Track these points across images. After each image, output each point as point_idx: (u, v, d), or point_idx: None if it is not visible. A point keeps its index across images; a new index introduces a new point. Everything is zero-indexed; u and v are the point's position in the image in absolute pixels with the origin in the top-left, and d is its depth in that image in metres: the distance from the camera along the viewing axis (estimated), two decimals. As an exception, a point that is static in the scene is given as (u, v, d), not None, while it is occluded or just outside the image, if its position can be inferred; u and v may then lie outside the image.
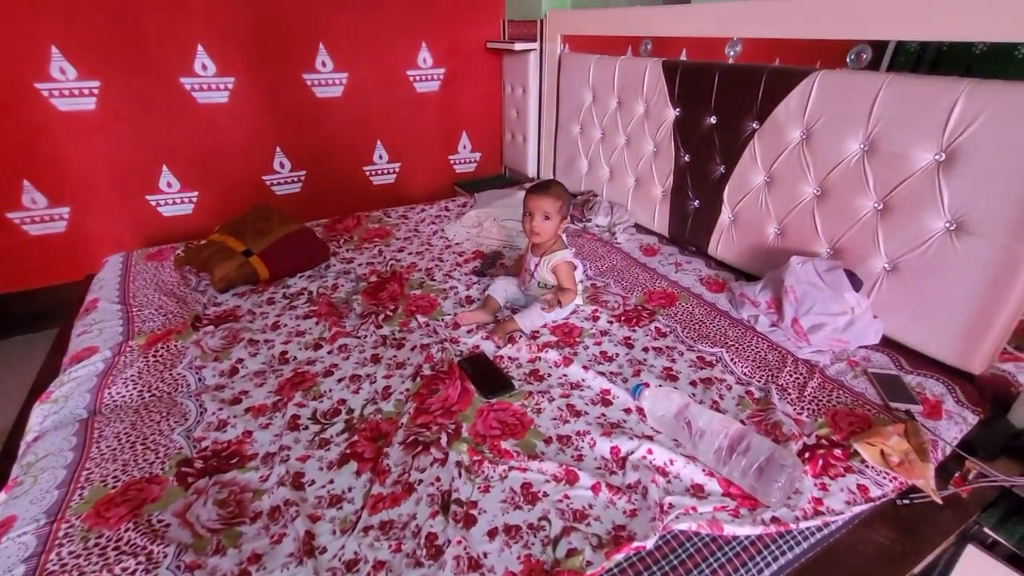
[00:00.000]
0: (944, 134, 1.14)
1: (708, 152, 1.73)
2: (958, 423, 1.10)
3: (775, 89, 1.48)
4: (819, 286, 1.33)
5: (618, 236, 2.02)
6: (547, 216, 1.45)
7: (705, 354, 1.34)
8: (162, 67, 2.19)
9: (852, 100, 1.30)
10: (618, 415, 1.13)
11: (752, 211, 1.62)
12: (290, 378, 1.25)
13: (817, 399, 1.17)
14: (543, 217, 1.44)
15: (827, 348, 1.32)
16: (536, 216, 1.45)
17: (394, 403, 1.17)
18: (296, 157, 2.61)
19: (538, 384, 1.23)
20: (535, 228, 1.45)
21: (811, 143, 1.42)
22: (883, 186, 1.28)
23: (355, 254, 1.95)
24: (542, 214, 1.44)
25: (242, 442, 1.05)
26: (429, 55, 2.71)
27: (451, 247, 2.00)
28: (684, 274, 1.75)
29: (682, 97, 1.80)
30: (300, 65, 2.45)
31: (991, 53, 3.95)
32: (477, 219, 2.13)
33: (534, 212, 1.45)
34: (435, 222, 2.25)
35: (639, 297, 1.62)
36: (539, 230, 1.45)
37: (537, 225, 1.45)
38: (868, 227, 1.33)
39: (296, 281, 1.73)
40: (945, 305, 1.20)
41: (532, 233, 1.46)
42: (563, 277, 1.46)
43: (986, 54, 4.00)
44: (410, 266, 1.84)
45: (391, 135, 2.79)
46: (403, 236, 2.11)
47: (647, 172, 2.01)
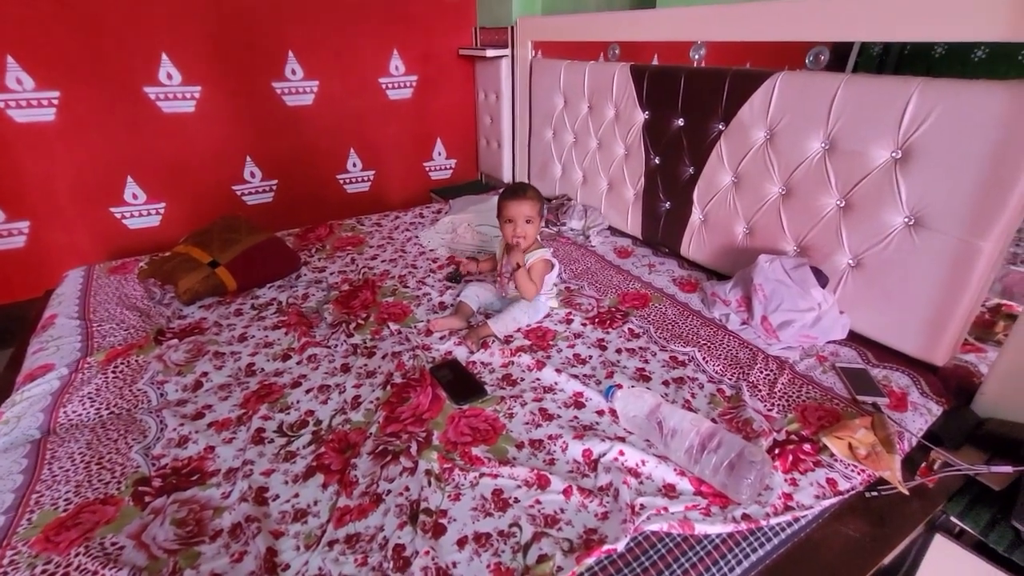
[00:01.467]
0: (900, 132, 1.17)
1: (677, 154, 1.75)
2: (923, 414, 1.12)
3: (738, 91, 1.50)
4: (787, 283, 1.34)
5: (592, 239, 2.02)
6: (529, 220, 1.44)
7: (678, 354, 1.34)
8: (125, 76, 2.14)
9: (812, 100, 1.33)
10: (591, 417, 1.12)
11: (721, 211, 1.64)
12: (256, 390, 1.21)
13: (787, 395, 1.18)
14: (525, 221, 1.44)
15: (796, 344, 1.34)
16: (519, 221, 1.44)
17: (363, 412, 1.14)
18: (267, 166, 2.57)
19: (511, 389, 1.22)
20: (519, 233, 1.45)
21: (775, 143, 1.44)
22: (844, 184, 1.30)
23: (327, 263, 1.92)
24: (524, 218, 1.44)
25: (204, 458, 1.02)
26: (401, 62, 2.70)
27: (425, 254, 1.98)
28: (657, 275, 1.76)
29: (650, 100, 1.82)
30: (269, 73, 2.41)
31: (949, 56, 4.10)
32: (451, 225, 2.12)
33: (515, 218, 1.44)
34: (409, 229, 2.23)
35: (613, 299, 1.62)
36: (523, 234, 1.45)
37: (521, 230, 1.45)
38: (832, 224, 1.35)
39: (265, 291, 1.70)
40: (907, 299, 1.23)
41: (516, 238, 1.46)
42: (535, 271, 1.46)
43: (944, 57, 4.15)
44: (383, 274, 1.82)
45: (364, 143, 2.77)
46: (376, 244, 2.08)
47: (619, 175, 2.03)
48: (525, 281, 1.44)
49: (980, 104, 1.06)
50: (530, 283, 1.45)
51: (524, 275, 1.44)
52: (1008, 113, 1.02)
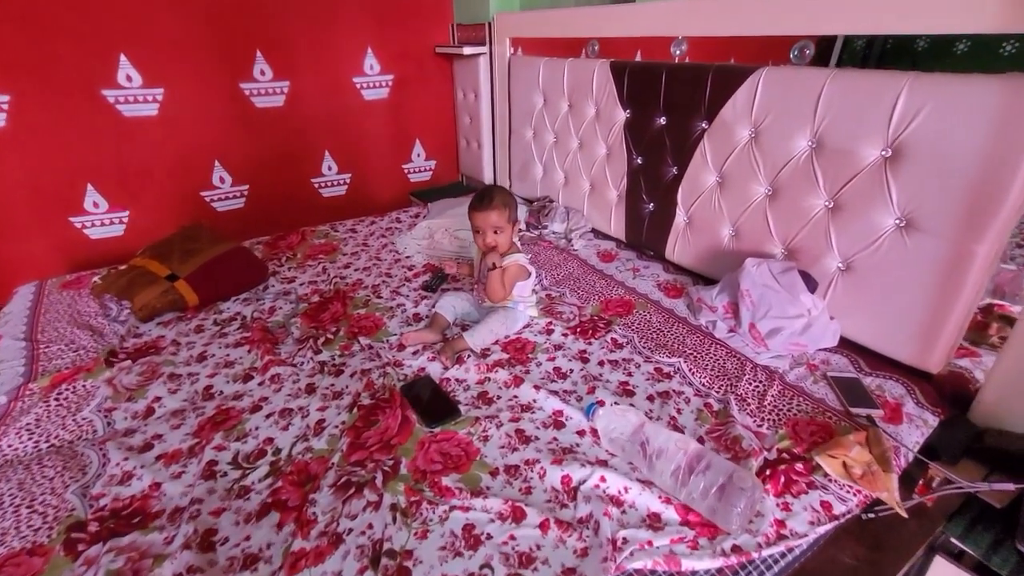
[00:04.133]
0: (889, 129, 1.11)
1: (660, 153, 1.69)
2: (919, 426, 1.07)
3: (721, 88, 1.44)
4: (775, 288, 1.28)
5: (575, 243, 1.96)
6: (498, 229, 1.37)
7: (663, 365, 1.28)
8: (81, 79, 2.02)
9: (798, 97, 1.27)
10: (571, 439, 1.05)
11: (706, 212, 1.58)
12: (212, 416, 1.13)
13: (777, 408, 1.12)
14: (494, 231, 1.37)
15: (786, 352, 1.28)
16: (487, 232, 1.37)
17: (327, 439, 1.06)
18: (237, 171, 2.47)
19: (486, 408, 1.14)
20: (489, 243, 1.38)
21: (760, 142, 1.38)
22: (832, 184, 1.24)
23: (297, 272, 1.83)
24: (491, 228, 1.37)
25: (148, 496, 0.93)
26: (376, 61, 2.60)
27: (400, 261, 1.90)
28: (642, 280, 1.70)
29: (631, 98, 1.75)
30: (236, 74, 2.31)
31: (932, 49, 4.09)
32: (428, 230, 2.03)
33: (483, 228, 1.37)
34: (385, 235, 2.15)
35: (595, 307, 1.55)
36: (494, 243, 1.38)
37: (491, 240, 1.37)
38: (820, 226, 1.29)
39: (229, 306, 1.60)
40: (899, 304, 1.17)
41: (488, 248, 1.38)
42: (508, 276, 1.39)
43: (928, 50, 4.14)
44: (355, 283, 1.73)
45: (339, 145, 2.67)
46: (350, 251, 2.00)
47: (601, 176, 1.96)
48: (496, 282, 1.37)
49: (973, 99, 1.00)
50: (500, 286, 1.37)
51: (497, 276, 1.37)
52: (1002, 107, 0.96)
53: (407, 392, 1.18)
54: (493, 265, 1.36)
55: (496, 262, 1.36)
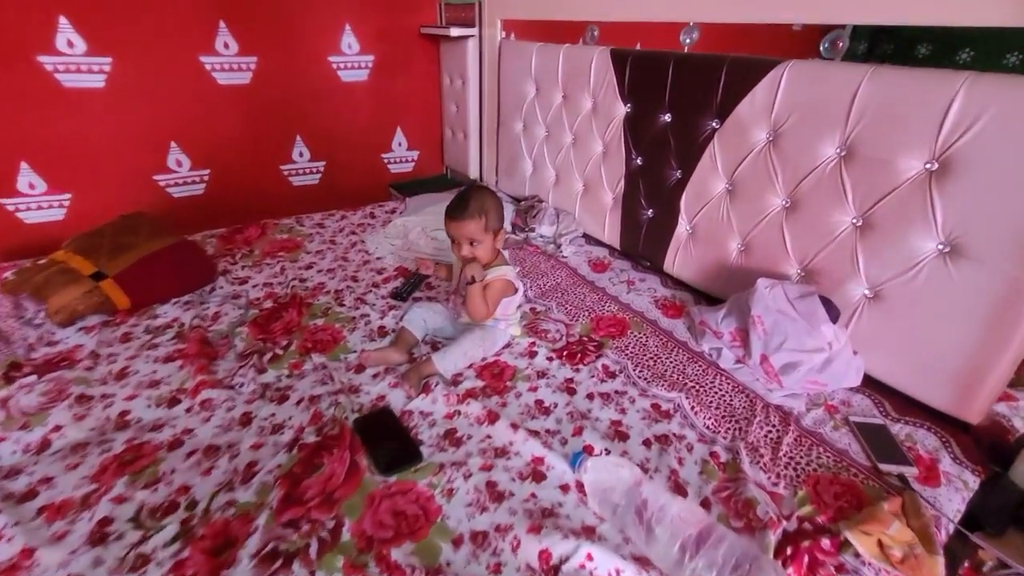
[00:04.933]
0: (938, 138, 0.95)
1: (663, 154, 1.51)
2: (959, 488, 0.91)
3: (737, 82, 1.26)
4: (791, 316, 1.12)
5: (564, 249, 1.78)
6: (475, 241, 1.18)
7: (661, 400, 1.11)
8: (12, 43, 1.78)
9: (828, 96, 1.10)
10: (552, 495, 0.88)
11: (713, 223, 1.41)
12: (120, 454, 0.93)
13: (795, 461, 0.96)
14: (469, 243, 1.18)
15: (801, 391, 1.12)
16: (462, 244, 1.19)
17: (256, 488, 0.87)
18: (196, 154, 2.24)
19: (453, 451, 0.96)
20: (466, 256, 1.19)
21: (779, 146, 1.21)
22: (864, 199, 1.08)
23: (252, 272, 1.62)
24: (467, 240, 1.18)
25: (16, 567, 0.73)
26: (355, 40, 2.38)
27: (370, 263, 1.70)
28: (637, 295, 1.52)
29: (633, 91, 1.57)
30: (196, 46, 2.07)
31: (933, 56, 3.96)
32: (403, 229, 1.84)
33: (458, 240, 1.19)
34: (356, 232, 1.95)
35: (585, 325, 1.37)
36: (471, 256, 1.19)
37: (467, 252, 1.19)
38: (846, 246, 1.13)
39: (168, 310, 1.40)
40: (937, 342, 1.02)
41: (466, 260, 1.20)
42: (491, 291, 1.20)
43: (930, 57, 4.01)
44: (316, 287, 1.53)
45: (313, 130, 2.45)
46: (315, 249, 1.79)
47: (596, 176, 1.78)
48: (477, 300, 1.18)
49: (1045, 107, 0.84)
50: (482, 303, 1.19)
51: (478, 291, 1.18)
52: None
53: (360, 428, 1.00)
54: (473, 279, 1.18)
55: (476, 275, 1.18)
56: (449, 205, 1.20)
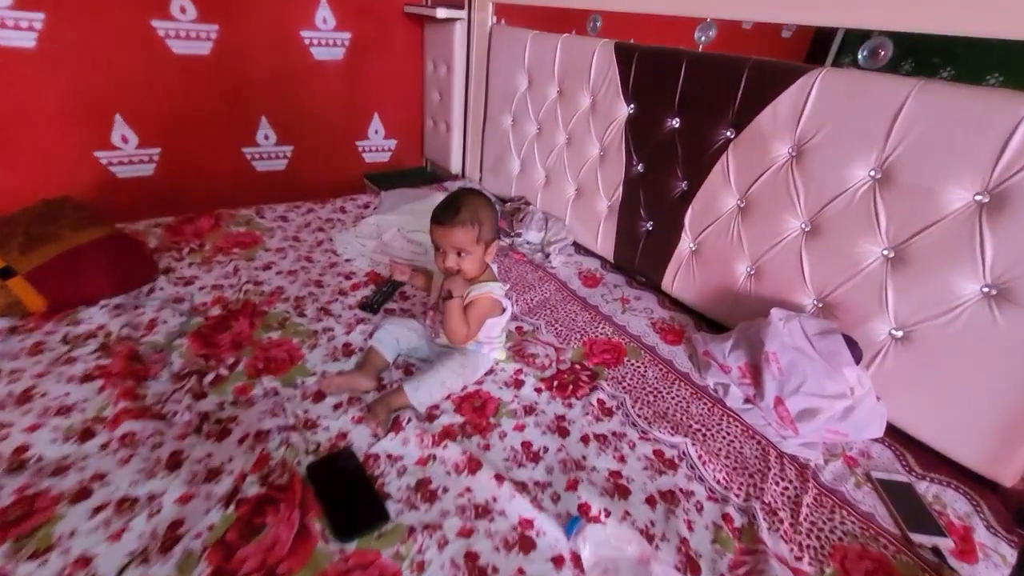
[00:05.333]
0: (995, 168, 0.84)
1: (668, 163, 1.37)
2: (997, 564, 0.81)
3: (760, 88, 1.13)
4: (809, 355, 1.00)
5: (553, 259, 1.63)
6: (461, 251, 1.03)
7: (664, 446, 0.98)
8: (-81, -13, 1.52)
9: (866, 110, 0.98)
10: (543, 571, 0.74)
11: (720, 242, 1.28)
12: (5, 509, 0.74)
13: (817, 527, 0.84)
14: (456, 253, 1.03)
15: (818, 439, 1.01)
16: (448, 254, 1.03)
17: (178, 560, 0.70)
18: (145, 130, 1.99)
19: (427, 509, 0.81)
20: (450, 267, 1.04)
21: (803, 163, 1.09)
22: (899, 228, 0.96)
23: (200, 271, 1.42)
24: (454, 250, 1.03)
25: None
26: (331, 14, 2.17)
27: (338, 266, 1.52)
28: (633, 315, 1.39)
29: (638, 90, 1.43)
30: (148, 8, 1.83)
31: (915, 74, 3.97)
32: (376, 229, 1.66)
33: (444, 248, 1.03)
34: (324, 228, 1.75)
35: (578, 350, 1.23)
36: (456, 268, 1.04)
37: (451, 263, 1.03)
38: (874, 280, 1.01)
39: (93, 314, 1.19)
40: (973, 393, 0.91)
41: (449, 272, 1.04)
42: (474, 310, 1.05)
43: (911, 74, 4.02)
44: (274, 293, 1.35)
45: (280, 110, 2.23)
46: (275, 246, 1.60)
47: (591, 181, 1.64)
48: (456, 319, 1.03)
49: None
50: (461, 323, 1.04)
51: (457, 309, 1.03)
52: None
53: (315, 476, 0.83)
54: (450, 294, 1.02)
55: (455, 291, 1.02)
56: (437, 208, 1.03)
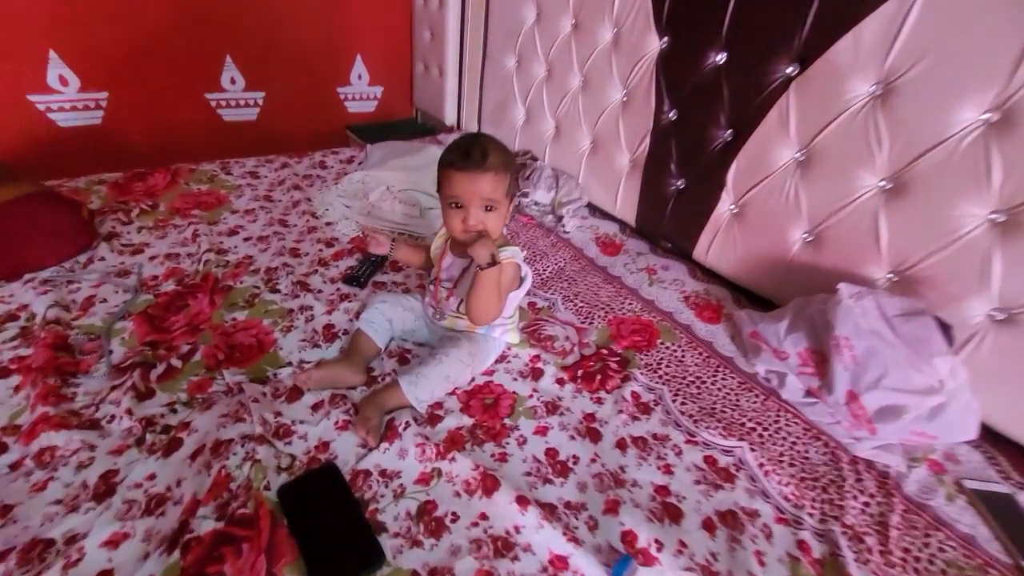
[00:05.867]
0: None
1: (709, 108, 1.15)
2: None
3: (838, 10, 0.91)
4: (890, 341, 0.83)
5: (567, 222, 1.42)
6: (490, 206, 0.82)
7: (715, 451, 0.81)
8: None
9: (984, 36, 0.76)
10: (586, 630, 0.57)
11: (771, 203, 1.09)
12: None
13: (911, 555, 0.69)
14: (484, 208, 0.82)
15: (898, 441, 0.84)
16: (472, 207, 0.81)
17: (103, 632, 0.52)
18: (89, 71, 1.71)
19: (432, 546, 0.64)
20: (472, 225, 0.82)
21: (891, 105, 0.88)
22: (1019, 187, 0.77)
23: (151, 237, 1.20)
24: (482, 203, 0.81)
25: None
26: (303, -66, 1.86)
27: (317, 230, 1.30)
28: (662, 288, 1.20)
29: (675, 19, 1.19)
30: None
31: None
32: (362, 186, 1.43)
33: (467, 201, 0.81)
34: (301, 186, 1.52)
35: (603, 331, 1.05)
36: (479, 225, 0.82)
37: (476, 220, 0.82)
38: (975, 249, 0.83)
39: (15, 291, 0.98)
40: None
41: (469, 233, 0.83)
42: (503, 282, 0.85)
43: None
44: (241, 263, 1.14)
45: (248, 52, 1.94)
46: (244, 207, 1.37)
47: (610, 132, 1.41)
48: (491, 292, 0.82)
49: None
50: (497, 298, 0.84)
51: (494, 280, 0.82)
52: None
53: (289, 503, 0.65)
54: (492, 259, 0.81)
55: (483, 256, 0.80)
56: (454, 153, 0.82)
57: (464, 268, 0.89)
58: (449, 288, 0.90)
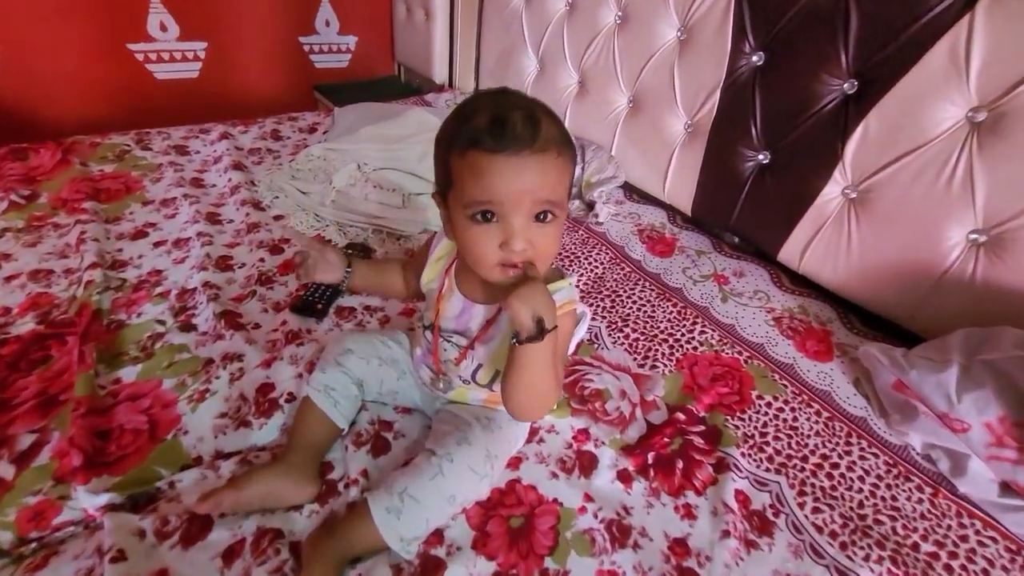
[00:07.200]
0: None
1: (822, 45, 0.79)
2: None
3: None
4: None
5: (599, 210, 1.07)
6: (546, 213, 0.46)
7: (891, 608, 0.50)
8: None
9: None
10: None
11: (919, 186, 0.74)
12: None
13: None
14: (540, 216, 0.46)
15: None
16: (518, 218, 0.45)
17: None
18: None
19: None
20: (520, 254, 0.46)
21: None
22: None
23: (16, 245, 0.84)
24: (533, 210, 0.46)
25: None
26: None
27: (262, 227, 0.95)
28: (740, 305, 0.87)
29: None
30: None
31: None
32: (324, 164, 1.07)
33: (514, 207, 0.45)
34: (245, 164, 1.15)
35: (673, 382, 0.72)
36: (537, 253, 0.47)
37: (524, 244, 0.46)
38: None
39: None
40: None
41: (505, 271, 0.47)
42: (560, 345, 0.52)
43: None
44: (142, 283, 0.78)
45: (180, -13, 1.53)
46: (161, 196, 1.01)
47: (659, 85, 1.05)
48: (544, 374, 0.48)
49: None
50: (552, 377, 0.49)
51: (545, 355, 0.47)
52: None
53: None
54: (540, 327, 0.45)
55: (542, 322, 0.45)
56: (477, 120, 0.45)
57: (489, 319, 0.54)
58: (463, 348, 0.56)
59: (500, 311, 0.53)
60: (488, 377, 0.56)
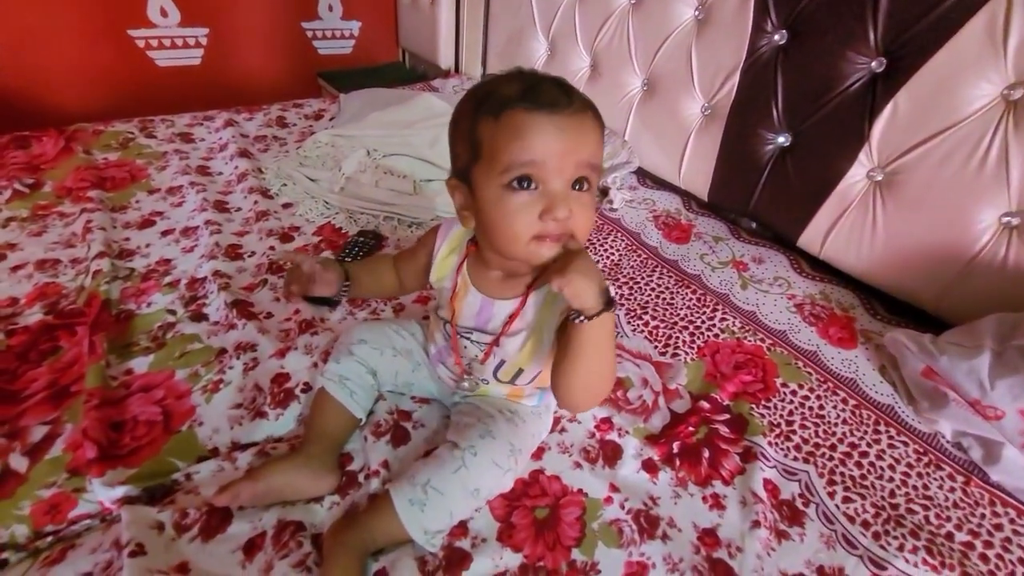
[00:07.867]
0: None
1: (847, 22, 0.77)
2: None
3: None
4: None
5: (613, 196, 1.05)
6: (584, 181, 0.44)
7: (929, 601, 0.48)
8: None
9: None
10: None
11: (949, 168, 0.72)
12: None
13: None
14: (577, 183, 0.44)
15: None
16: (561, 183, 0.43)
17: None
18: None
19: None
20: (563, 222, 0.43)
21: None
22: None
23: (22, 235, 0.82)
24: (576, 175, 0.43)
25: None
26: None
27: (271, 214, 0.93)
28: (761, 292, 0.85)
29: None
30: None
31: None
32: (332, 150, 1.04)
33: (557, 170, 0.42)
34: (250, 152, 1.13)
35: (695, 369, 0.70)
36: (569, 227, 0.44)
37: (566, 212, 0.42)
38: None
39: None
40: None
41: (543, 242, 0.44)
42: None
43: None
44: (150, 272, 0.77)
45: (180, -29, 1.49)
46: (167, 184, 0.99)
47: (676, 66, 1.02)
48: (606, 354, 0.46)
49: None
50: (612, 359, 0.48)
51: (608, 332, 0.45)
52: None
53: None
54: (606, 299, 0.43)
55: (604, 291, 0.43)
56: (510, 85, 0.43)
57: (512, 313, 0.52)
58: (487, 345, 0.54)
59: (523, 305, 0.51)
60: (511, 374, 0.55)
